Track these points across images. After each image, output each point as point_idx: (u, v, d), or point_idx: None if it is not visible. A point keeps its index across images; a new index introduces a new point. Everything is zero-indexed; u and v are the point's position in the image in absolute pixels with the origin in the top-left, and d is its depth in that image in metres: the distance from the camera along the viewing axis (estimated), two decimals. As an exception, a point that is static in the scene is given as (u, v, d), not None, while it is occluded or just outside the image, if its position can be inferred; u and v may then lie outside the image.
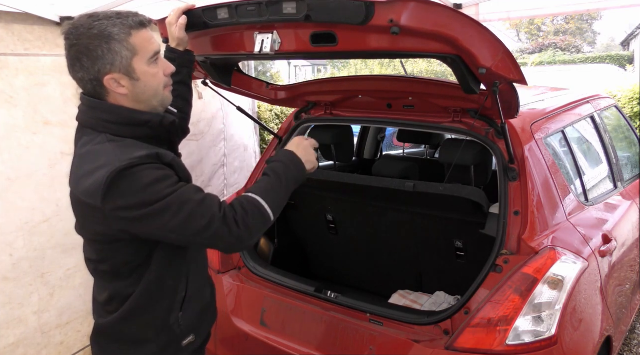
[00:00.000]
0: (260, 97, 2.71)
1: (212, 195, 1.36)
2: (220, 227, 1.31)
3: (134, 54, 1.35)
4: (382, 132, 4.02)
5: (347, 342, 2.12)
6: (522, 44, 28.22)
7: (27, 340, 2.65)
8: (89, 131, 1.40)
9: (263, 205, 1.39)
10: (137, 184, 1.26)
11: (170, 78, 1.48)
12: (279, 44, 1.74)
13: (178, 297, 1.49)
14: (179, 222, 1.28)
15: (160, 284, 1.44)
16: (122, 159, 1.26)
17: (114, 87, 1.36)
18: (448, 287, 2.59)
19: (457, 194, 2.21)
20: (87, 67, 1.33)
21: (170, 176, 1.32)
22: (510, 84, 1.84)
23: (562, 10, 4.46)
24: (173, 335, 1.50)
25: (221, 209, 1.33)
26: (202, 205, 1.31)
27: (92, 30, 1.31)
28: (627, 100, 6.59)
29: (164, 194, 1.27)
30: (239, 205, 1.36)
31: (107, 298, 1.47)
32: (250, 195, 1.40)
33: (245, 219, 1.34)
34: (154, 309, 1.46)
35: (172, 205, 1.27)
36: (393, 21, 1.47)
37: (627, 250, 2.65)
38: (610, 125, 3.37)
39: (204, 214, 1.29)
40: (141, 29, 1.37)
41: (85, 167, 1.32)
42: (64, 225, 2.77)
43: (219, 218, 1.30)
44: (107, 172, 1.24)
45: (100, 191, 1.24)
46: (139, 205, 1.25)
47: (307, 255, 3.23)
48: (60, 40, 2.81)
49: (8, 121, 2.52)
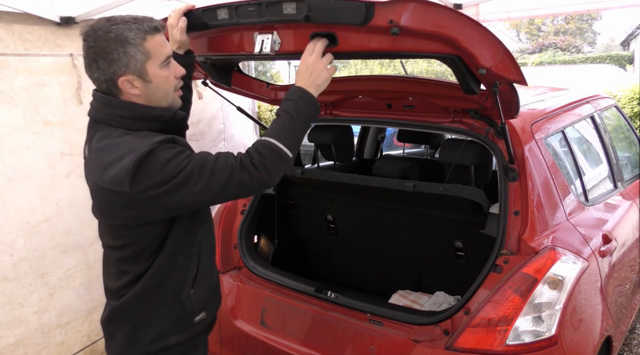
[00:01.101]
0: (260, 97, 2.71)
1: (224, 152, 1.47)
2: (240, 175, 1.41)
3: (147, 57, 1.43)
4: (382, 132, 4.02)
5: (347, 342, 2.12)
6: (522, 44, 28.21)
7: (27, 340, 2.66)
8: (104, 126, 1.47)
9: (277, 145, 1.47)
10: (159, 163, 1.35)
11: (180, 80, 1.56)
12: (278, 44, 1.74)
13: (189, 274, 1.58)
14: (203, 184, 1.38)
15: (172, 262, 1.53)
16: (144, 144, 1.36)
17: (127, 88, 1.45)
18: (448, 287, 2.60)
19: (457, 194, 2.21)
20: (103, 68, 1.42)
21: (185, 150, 1.42)
22: (510, 84, 1.84)
23: (562, 10, 4.46)
24: (185, 311, 1.59)
25: (237, 159, 1.43)
26: (218, 161, 1.41)
27: (109, 33, 1.39)
28: (627, 100, 6.59)
29: (183, 164, 1.37)
30: (254, 151, 1.45)
31: (125, 282, 1.54)
32: (263, 138, 1.49)
33: (262, 161, 1.43)
34: (167, 285, 1.55)
35: (192, 171, 1.37)
36: (393, 21, 1.47)
37: (627, 250, 2.65)
38: (610, 125, 3.37)
39: (223, 169, 1.40)
40: (155, 34, 1.45)
41: (108, 157, 1.39)
42: (64, 225, 2.77)
43: (237, 167, 1.41)
44: (132, 158, 1.33)
45: (128, 177, 1.33)
46: (165, 180, 1.35)
47: (307, 255, 3.23)
48: (60, 40, 2.83)
49: (8, 121, 2.52)
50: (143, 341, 1.57)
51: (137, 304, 1.55)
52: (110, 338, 1.65)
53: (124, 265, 1.56)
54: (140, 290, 1.53)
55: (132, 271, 1.54)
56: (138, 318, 1.57)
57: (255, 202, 2.75)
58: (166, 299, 1.56)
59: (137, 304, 1.55)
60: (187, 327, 1.61)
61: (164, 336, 1.58)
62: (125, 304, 1.55)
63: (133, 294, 1.54)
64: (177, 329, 1.59)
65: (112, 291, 1.61)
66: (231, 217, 2.74)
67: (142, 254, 1.51)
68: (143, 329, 1.57)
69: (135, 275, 1.53)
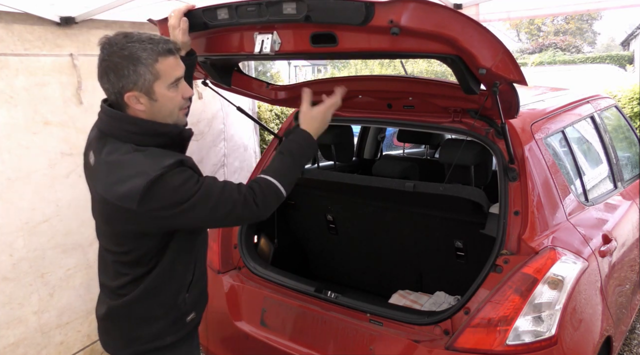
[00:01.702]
0: (260, 97, 2.70)
1: (229, 182, 1.56)
2: (242, 210, 1.53)
3: (156, 78, 1.48)
4: (382, 132, 4.02)
5: (347, 342, 2.12)
6: (522, 44, 28.22)
7: (27, 340, 2.66)
8: (112, 140, 1.53)
9: (278, 186, 1.60)
10: (169, 188, 1.43)
11: (187, 101, 1.61)
12: (278, 44, 1.74)
13: (186, 281, 1.67)
14: (207, 212, 1.48)
15: (172, 270, 1.61)
16: (154, 168, 1.42)
17: (133, 103, 1.50)
18: (448, 287, 2.59)
19: (457, 194, 2.21)
20: (113, 82, 1.48)
21: (193, 175, 1.50)
22: (510, 84, 1.84)
23: (562, 10, 4.47)
24: (179, 312, 1.68)
25: (240, 193, 1.53)
26: (224, 193, 1.51)
27: (123, 50, 1.45)
28: (627, 100, 6.59)
29: (192, 191, 1.45)
30: (257, 188, 1.57)
31: (123, 283, 1.61)
32: (267, 178, 1.61)
33: (263, 200, 1.56)
34: (165, 290, 1.63)
35: (200, 199, 1.46)
36: (393, 21, 1.47)
37: (627, 250, 2.65)
38: (610, 125, 3.37)
39: (227, 202, 1.50)
40: (168, 56, 1.49)
41: (117, 174, 1.46)
42: (64, 225, 2.77)
43: (240, 202, 1.52)
44: (142, 181, 1.40)
45: (137, 197, 1.40)
46: (173, 205, 1.44)
47: (307, 255, 3.23)
48: (60, 40, 2.83)
49: (8, 121, 2.52)
50: (140, 340, 1.65)
51: (136, 306, 1.62)
52: (105, 332, 1.73)
53: (122, 268, 1.61)
54: (140, 293, 1.60)
55: (131, 273, 1.60)
56: (135, 319, 1.64)
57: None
58: (164, 302, 1.64)
59: (135, 306, 1.62)
60: (181, 327, 1.70)
61: (161, 336, 1.65)
62: (124, 305, 1.62)
63: (132, 297, 1.60)
64: (172, 329, 1.68)
65: (110, 289, 1.67)
66: (231, 217, 2.74)
67: (141, 260, 1.57)
68: (140, 328, 1.64)
69: (134, 277, 1.60)
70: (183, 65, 1.56)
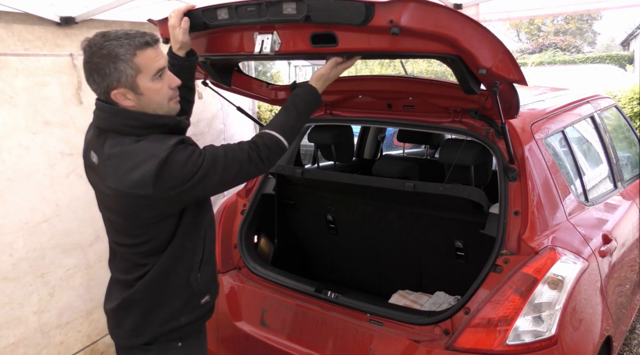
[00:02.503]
0: (260, 97, 2.71)
1: (228, 145, 1.61)
2: (248, 167, 1.60)
3: (137, 72, 1.51)
4: (382, 132, 4.02)
5: (347, 342, 2.12)
6: (522, 44, 28.20)
7: (27, 340, 2.65)
8: (113, 134, 1.56)
9: (281, 139, 1.66)
10: (178, 164, 1.48)
11: (176, 90, 1.62)
12: (278, 44, 1.75)
13: (197, 259, 1.70)
14: (218, 179, 1.55)
15: (181, 248, 1.64)
16: (161, 149, 1.47)
17: (120, 99, 1.54)
18: (448, 287, 2.59)
19: (457, 194, 2.21)
20: (98, 82, 1.52)
21: (195, 149, 1.55)
22: (510, 84, 1.84)
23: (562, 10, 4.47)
24: (192, 292, 1.71)
25: (243, 151, 1.60)
26: (227, 155, 1.57)
27: (102, 50, 1.48)
28: (627, 100, 6.59)
29: (199, 163, 1.51)
30: (262, 144, 1.63)
31: (142, 273, 1.64)
32: (270, 132, 1.67)
33: (268, 155, 1.64)
34: (177, 269, 1.66)
35: (208, 168, 1.52)
36: (393, 22, 1.47)
37: (627, 250, 2.65)
38: (610, 125, 3.37)
39: (233, 163, 1.57)
40: (146, 49, 1.52)
41: (127, 163, 1.50)
42: (64, 225, 2.77)
43: (245, 161, 1.59)
44: (153, 163, 1.45)
45: (151, 180, 1.45)
46: (187, 179, 1.49)
47: (307, 255, 3.23)
48: (60, 40, 2.83)
49: (8, 121, 2.52)
50: (154, 323, 1.67)
51: (150, 290, 1.65)
52: (117, 325, 1.73)
53: (140, 259, 1.64)
54: (153, 276, 1.63)
55: (149, 263, 1.64)
56: (150, 302, 1.67)
57: (255, 202, 2.75)
58: (176, 282, 1.67)
59: (149, 290, 1.65)
60: (194, 307, 1.73)
61: (176, 317, 1.69)
62: (138, 291, 1.65)
63: (145, 281, 1.64)
64: (186, 309, 1.70)
65: (124, 282, 1.70)
66: (231, 217, 2.74)
67: (159, 247, 1.62)
68: (154, 311, 1.67)
69: (152, 265, 1.63)
70: (164, 56, 1.59)
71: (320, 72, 1.82)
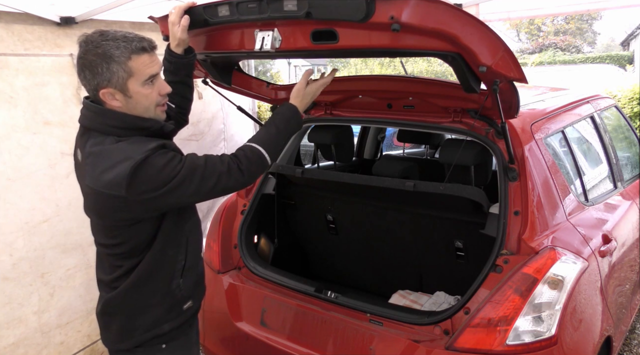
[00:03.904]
0: (260, 97, 2.70)
1: (210, 156, 1.59)
2: (227, 180, 1.57)
3: (129, 75, 1.51)
4: (382, 132, 4.02)
5: (347, 342, 2.12)
6: (522, 44, 28.19)
7: (27, 340, 2.65)
8: (96, 134, 1.56)
9: (262, 152, 1.65)
10: (154, 169, 1.46)
11: (165, 97, 1.63)
12: (279, 41, 1.74)
13: (178, 265, 1.69)
14: (194, 188, 1.52)
15: (162, 254, 1.63)
16: (138, 152, 1.46)
17: (108, 99, 1.54)
18: (448, 287, 2.59)
19: (457, 193, 2.21)
20: (88, 79, 1.53)
21: (176, 155, 1.54)
22: (510, 83, 1.83)
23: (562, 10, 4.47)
24: (175, 299, 1.71)
25: (223, 163, 1.57)
26: (207, 167, 1.55)
27: (98, 49, 1.49)
28: (627, 100, 6.59)
29: (176, 170, 1.49)
30: (243, 156, 1.62)
31: (118, 275, 1.64)
32: (250, 144, 1.67)
33: (249, 167, 1.61)
34: (158, 276, 1.65)
35: (185, 176, 1.50)
36: (394, 18, 1.46)
37: (627, 250, 2.65)
38: (610, 125, 3.36)
39: (211, 175, 1.54)
40: (142, 54, 1.52)
41: (103, 163, 1.49)
42: (64, 225, 2.77)
43: (224, 174, 1.56)
44: (128, 165, 1.43)
45: (124, 182, 1.43)
46: (160, 186, 1.47)
47: (307, 255, 3.23)
48: (60, 40, 2.83)
49: (8, 121, 2.51)
50: (138, 330, 1.67)
51: (130, 295, 1.65)
52: (105, 329, 1.75)
53: (117, 261, 1.64)
54: (133, 281, 1.63)
55: (125, 265, 1.63)
56: (132, 308, 1.68)
57: (255, 202, 2.75)
58: (158, 289, 1.67)
59: (130, 295, 1.65)
60: (177, 314, 1.72)
61: (158, 324, 1.68)
62: (119, 295, 1.65)
63: (126, 285, 1.63)
64: (169, 316, 1.70)
65: (105, 283, 1.70)
66: (231, 217, 2.74)
67: (134, 250, 1.61)
68: (137, 318, 1.66)
69: (128, 268, 1.62)
70: (159, 62, 1.59)
71: (296, 87, 1.85)
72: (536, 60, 16.11)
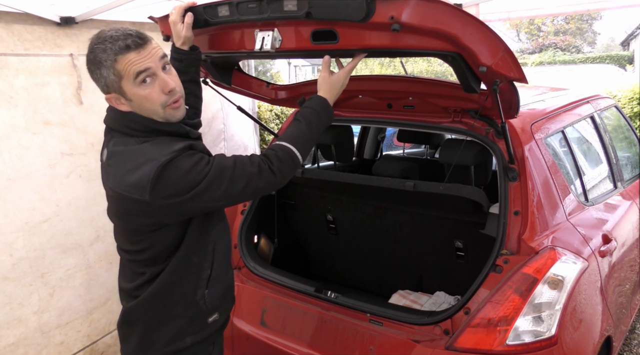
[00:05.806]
0: (260, 97, 2.70)
1: (239, 157, 1.50)
2: (257, 182, 1.47)
3: (120, 78, 1.42)
4: (382, 132, 4.02)
5: (347, 342, 2.12)
6: (522, 44, 28.20)
7: (27, 340, 2.65)
8: (119, 134, 1.50)
9: (295, 152, 1.55)
10: (180, 172, 1.38)
11: (172, 95, 1.48)
12: (279, 41, 1.74)
13: (203, 275, 1.59)
14: (222, 191, 1.43)
15: (186, 262, 1.54)
16: (163, 153, 1.38)
17: (116, 104, 1.48)
18: (448, 287, 2.59)
19: (457, 193, 2.21)
20: (96, 84, 1.47)
21: (203, 157, 1.45)
22: (510, 83, 1.83)
23: (562, 10, 4.48)
24: (199, 311, 1.60)
25: (254, 165, 1.48)
26: (236, 169, 1.45)
27: (90, 54, 1.42)
28: (627, 100, 6.59)
29: (204, 173, 1.40)
30: (274, 156, 1.52)
31: (140, 283, 1.56)
32: (282, 143, 1.56)
33: (281, 167, 1.52)
34: (181, 285, 1.56)
35: (213, 180, 1.41)
36: (394, 18, 1.46)
37: (627, 250, 2.65)
38: (610, 125, 3.37)
39: (241, 177, 1.45)
40: (126, 53, 1.40)
41: (127, 164, 1.42)
42: (64, 225, 2.77)
43: (255, 175, 1.47)
44: (153, 167, 1.36)
45: (148, 185, 1.35)
46: (186, 189, 1.38)
47: (307, 255, 3.23)
48: (60, 40, 2.83)
49: (8, 121, 2.51)
50: (158, 343, 1.57)
51: (152, 305, 1.56)
52: (124, 341, 1.65)
53: (139, 268, 1.56)
54: (155, 290, 1.54)
55: (147, 272, 1.55)
56: (152, 319, 1.57)
57: (255, 203, 2.75)
58: (181, 299, 1.57)
59: (151, 305, 1.56)
60: (201, 327, 1.62)
61: (180, 337, 1.58)
62: (140, 304, 1.56)
63: (147, 294, 1.54)
64: (191, 329, 1.59)
65: (126, 292, 1.62)
66: (231, 217, 2.74)
67: (158, 257, 1.53)
68: (157, 330, 1.57)
69: (151, 276, 1.54)
70: (151, 57, 1.43)
71: (321, 78, 1.73)
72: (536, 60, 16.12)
